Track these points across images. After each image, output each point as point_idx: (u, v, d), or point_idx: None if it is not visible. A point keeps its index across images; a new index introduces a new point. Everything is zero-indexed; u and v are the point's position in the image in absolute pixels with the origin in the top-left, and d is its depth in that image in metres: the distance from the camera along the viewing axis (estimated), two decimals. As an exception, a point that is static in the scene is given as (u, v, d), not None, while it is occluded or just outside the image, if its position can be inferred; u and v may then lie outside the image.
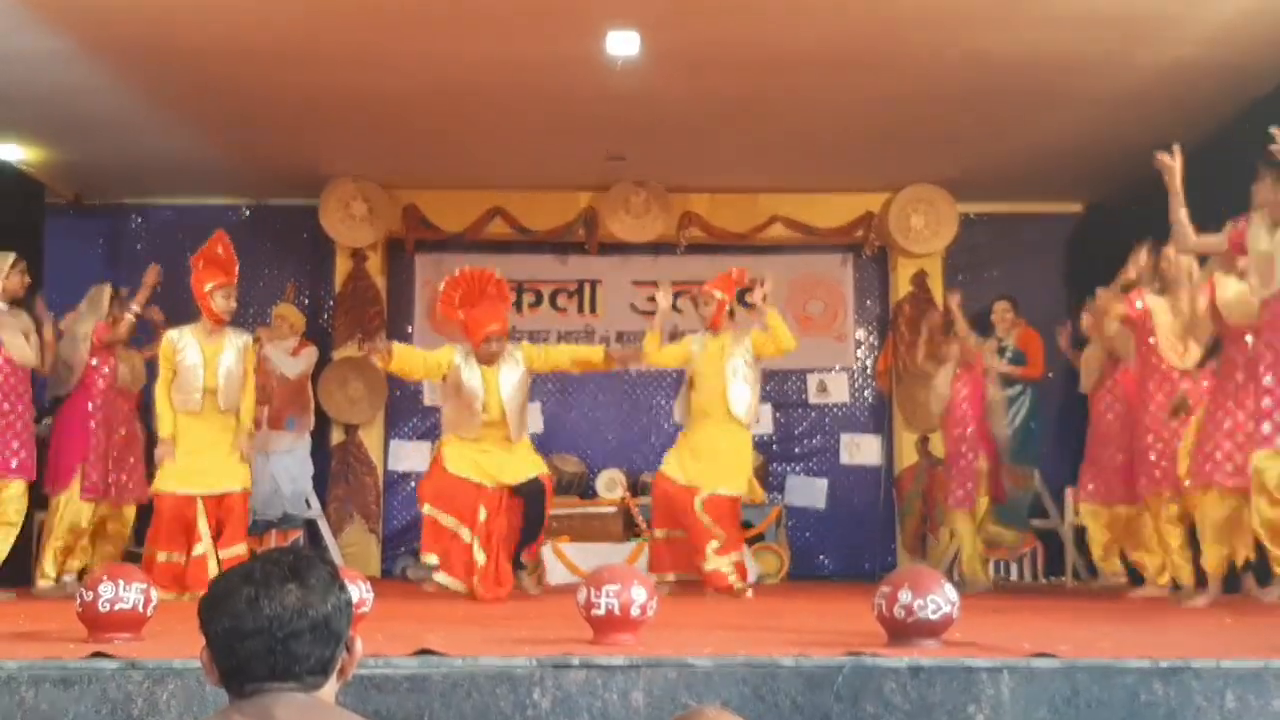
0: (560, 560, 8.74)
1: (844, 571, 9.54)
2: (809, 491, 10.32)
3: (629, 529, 9.31)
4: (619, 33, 7.13)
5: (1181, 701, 3.40)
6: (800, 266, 10.62)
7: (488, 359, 7.15)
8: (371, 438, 10.28)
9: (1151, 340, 7.00)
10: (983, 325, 9.77)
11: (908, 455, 10.21)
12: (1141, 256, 7.40)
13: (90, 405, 7.78)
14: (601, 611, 3.73)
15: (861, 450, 10.42)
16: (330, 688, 2.06)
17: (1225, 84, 7.69)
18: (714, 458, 7.28)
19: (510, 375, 7.16)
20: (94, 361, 7.80)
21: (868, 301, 10.74)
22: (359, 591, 4.02)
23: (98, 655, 3.48)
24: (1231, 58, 7.33)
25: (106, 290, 8.01)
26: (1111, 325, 7.44)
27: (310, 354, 9.74)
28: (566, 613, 4.02)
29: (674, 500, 7.32)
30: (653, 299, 10.49)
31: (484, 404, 7.06)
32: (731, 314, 7.75)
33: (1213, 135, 8.39)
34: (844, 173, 9.91)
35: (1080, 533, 9.13)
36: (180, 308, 8.71)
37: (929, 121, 8.63)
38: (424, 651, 3.47)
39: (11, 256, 7.19)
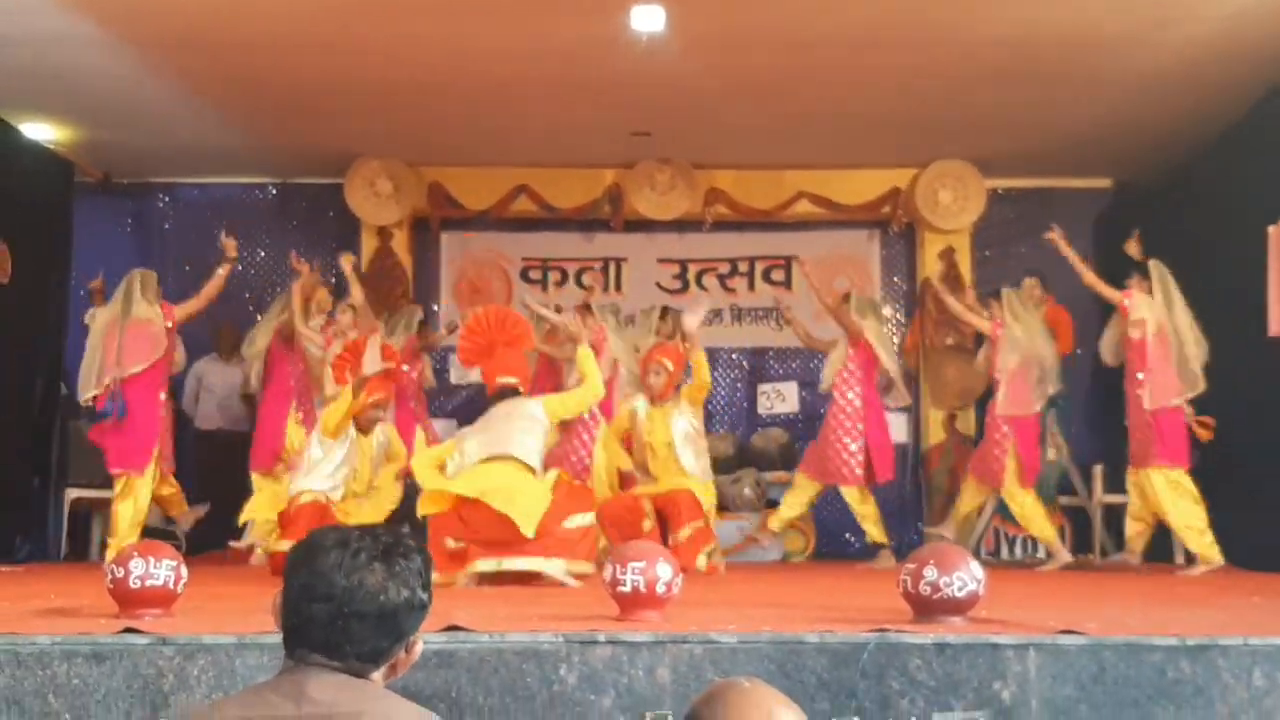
0: None
1: (870, 549, 9.48)
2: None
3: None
4: (644, 8, 7.10)
5: (1208, 679, 3.40)
6: (827, 243, 10.57)
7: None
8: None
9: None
10: (1011, 302, 9.74)
11: (934, 433, 10.17)
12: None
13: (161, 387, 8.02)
14: (627, 589, 3.74)
15: (890, 425, 10.37)
16: (376, 677, 2.02)
17: (1255, 63, 7.61)
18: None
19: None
20: None
21: (895, 278, 10.69)
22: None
23: (129, 631, 3.51)
24: (1262, 36, 7.24)
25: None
26: None
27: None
28: (593, 590, 4.03)
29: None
30: (678, 277, 10.58)
31: None
32: (678, 388, 7.84)
33: (1243, 114, 8.32)
34: (871, 149, 9.84)
35: (1108, 510, 9.11)
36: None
37: (957, 99, 8.57)
38: (452, 628, 3.50)
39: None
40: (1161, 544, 8.45)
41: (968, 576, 3.63)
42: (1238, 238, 8.15)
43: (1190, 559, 7.73)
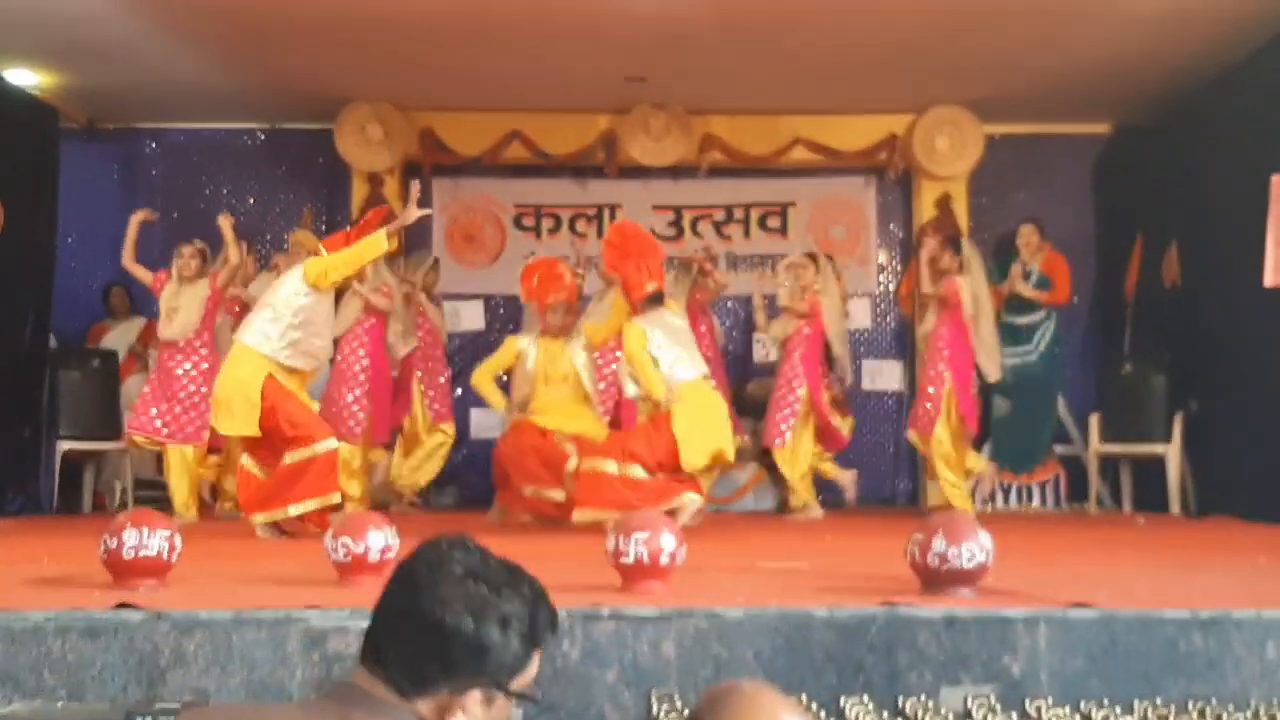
0: None
1: (867, 498, 9.47)
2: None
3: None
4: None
5: (1221, 652, 3.36)
6: (823, 190, 10.45)
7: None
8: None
9: None
10: (1007, 249, 9.67)
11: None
12: None
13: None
14: (630, 560, 3.69)
15: (883, 375, 10.33)
16: (425, 712, 1.79)
17: (1256, 6, 7.46)
18: None
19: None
20: None
21: (891, 225, 10.58)
22: (385, 537, 3.98)
23: (124, 606, 3.45)
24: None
25: None
26: None
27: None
28: (595, 556, 3.98)
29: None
30: (673, 224, 10.47)
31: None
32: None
33: (1246, 55, 8.19)
34: (867, 94, 9.70)
35: (1104, 459, 9.09)
36: (192, 231, 8.66)
37: (954, 40, 8.42)
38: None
39: None
40: (1158, 493, 8.47)
41: (976, 547, 3.58)
42: (1239, 183, 8.06)
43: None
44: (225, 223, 8.20)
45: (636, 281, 7.26)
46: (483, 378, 8.11)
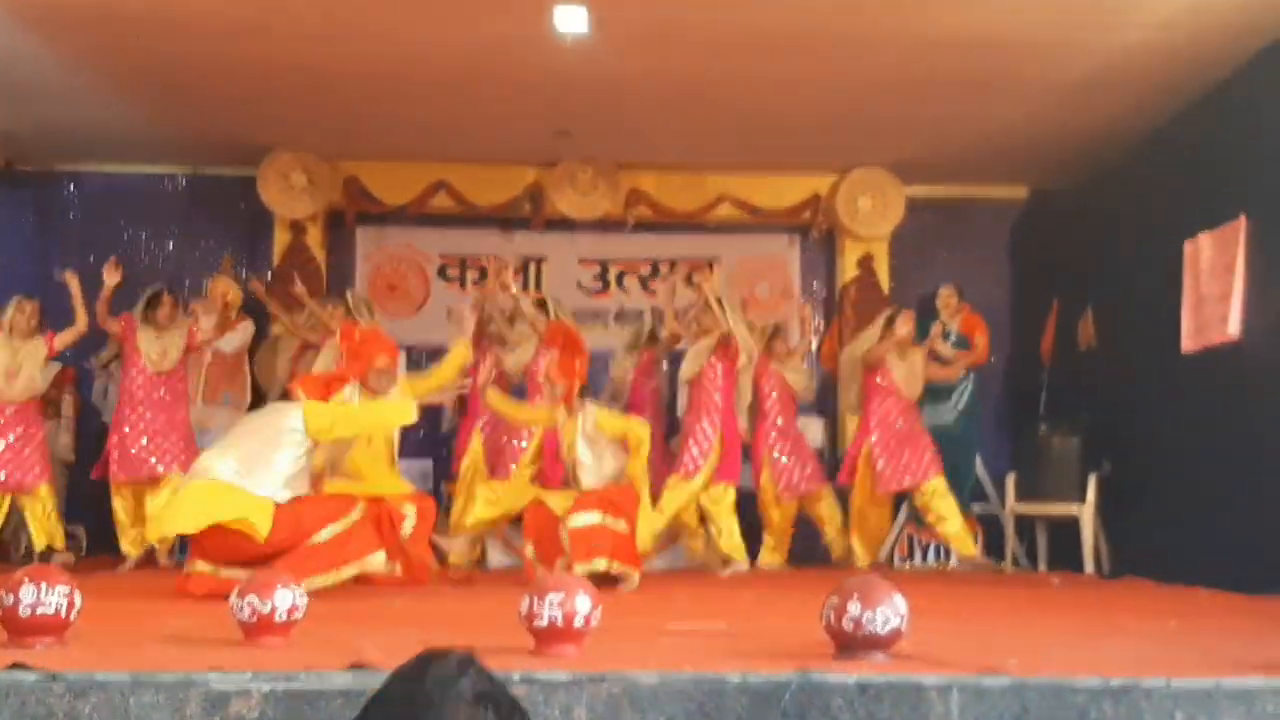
0: None
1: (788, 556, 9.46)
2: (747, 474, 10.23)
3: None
4: (566, 8, 6.98)
5: (1131, 721, 3.37)
6: (748, 246, 10.54)
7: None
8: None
9: None
10: (928, 309, 9.78)
11: (850, 439, 10.16)
12: None
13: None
14: (544, 623, 3.63)
15: (806, 432, 10.37)
16: None
17: (1179, 70, 7.62)
18: None
19: None
20: None
21: (814, 283, 10.68)
22: (293, 597, 3.89)
23: (17, 666, 3.33)
24: (1186, 43, 7.24)
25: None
26: None
27: (246, 329, 9.52)
28: (507, 616, 3.92)
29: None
30: (599, 278, 10.48)
31: None
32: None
33: (1162, 122, 8.39)
34: (793, 154, 9.81)
35: (1020, 520, 9.18)
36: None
37: (879, 104, 8.55)
38: (358, 665, 3.36)
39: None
40: (1073, 553, 8.55)
41: (891, 612, 3.57)
42: (1153, 248, 8.22)
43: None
44: (72, 280, 8.31)
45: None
46: None
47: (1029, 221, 10.49)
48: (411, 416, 6.66)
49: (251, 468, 6.01)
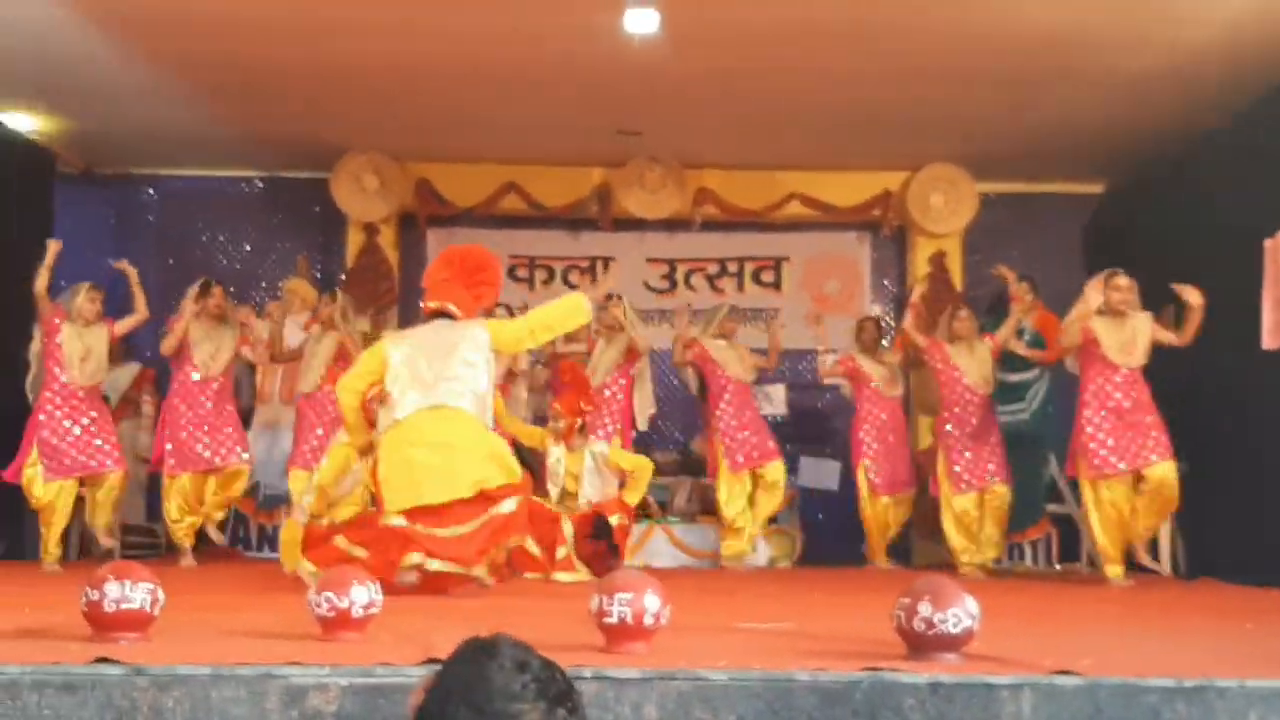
0: None
1: (858, 555, 9.43)
2: (821, 473, 10.21)
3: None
4: (637, 10, 7.01)
5: (1205, 722, 3.33)
6: (817, 245, 10.51)
7: None
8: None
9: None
10: (1001, 307, 9.67)
11: (924, 437, 10.10)
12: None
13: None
14: (614, 620, 3.66)
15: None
16: None
17: (1247, 67, 7.56)
18: None
19: None
20: None
21: (885, 281, 10.63)
22: (369, 593, 3.96)
23: (102, 660, 3.42)
24: (1255, 40, 7.19)
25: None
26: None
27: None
28: (579, 614, 3.95)
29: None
30: (666, 277, 10.48)
31: None
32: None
33: (1233, 117, 8.26)
34: (863, 151, 9.78)
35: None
36: (189, 278, 8.65)
37: (950, 99, 8.51)
38: (432, 660, 3.41)
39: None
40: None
41: (963, 613, 3.55)
42: (1230, 246, 8.09)
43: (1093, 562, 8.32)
44: (130, 270, 8.29)
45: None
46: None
47: (1104, 217, 10.36)
48: (586, 314, 6.51)
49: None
